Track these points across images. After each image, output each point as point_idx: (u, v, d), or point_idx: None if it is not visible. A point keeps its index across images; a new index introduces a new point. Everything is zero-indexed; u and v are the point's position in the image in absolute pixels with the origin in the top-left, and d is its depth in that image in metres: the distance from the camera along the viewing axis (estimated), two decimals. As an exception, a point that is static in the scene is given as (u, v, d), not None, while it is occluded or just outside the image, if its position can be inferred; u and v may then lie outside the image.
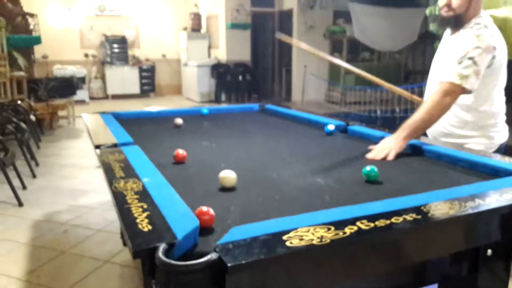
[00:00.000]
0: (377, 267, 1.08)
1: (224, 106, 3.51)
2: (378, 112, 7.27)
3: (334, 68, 10.03)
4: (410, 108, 6.56)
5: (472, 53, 1.80)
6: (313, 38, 9.82)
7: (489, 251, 1.31)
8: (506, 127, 2.10)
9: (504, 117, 2.10)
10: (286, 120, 2.71)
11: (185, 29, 10.89)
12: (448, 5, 1.89)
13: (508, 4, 3.76)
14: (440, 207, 1.11)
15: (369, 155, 1.77)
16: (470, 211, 1.11)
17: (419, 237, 1.08)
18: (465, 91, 1.82)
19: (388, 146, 1.79)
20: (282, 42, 2.41)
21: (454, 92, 1.82)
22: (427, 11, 4.89)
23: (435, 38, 5.61)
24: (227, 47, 10.17)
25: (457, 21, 1.91)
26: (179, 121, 2.46)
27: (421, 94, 6.34)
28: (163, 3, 11.09)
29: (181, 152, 1.68)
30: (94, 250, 2.83)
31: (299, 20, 9.72)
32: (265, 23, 10.75)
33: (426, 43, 8.78)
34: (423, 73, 9.68)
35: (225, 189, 1.36)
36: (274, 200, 1.27)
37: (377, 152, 1.78)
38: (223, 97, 9.96)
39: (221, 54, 10.38)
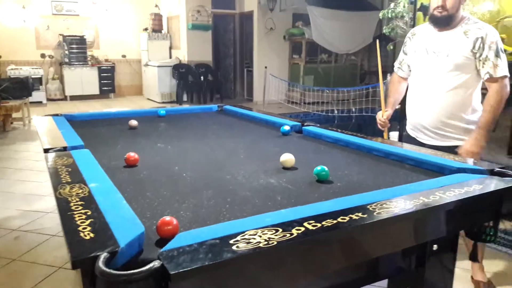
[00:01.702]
0: (328, 266, 1.09)
1: (182, 107, 3.46)
2: (336, 112, 7.41)
3: (294, 69, 10.15)
4: (365, 108, 6.73)
5: (497, 45, 2.04)
6: (273, 40, 9.91)
7: (435, 246, 1.37)
8: None
9: None
10: (244, 121, 2.71)
11: (145, 29, 10.68)
12: (443, 6, 2.05)
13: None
14: (386, 205, 1.13)
15: None
16: (415, 209, 1.14)
17: (367, 235, 1.10)
18: (507, 77, 2.07)
19: (472, 152, 2.06)
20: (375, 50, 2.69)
21: (505, 84, 2.07)
22: (380, 15, 5.04)
23: (388, 40, 5.80)
24: (188, 47, 10.07)
25: (450, 20, 2.09)
26: (133, 122, 2.40)
27: (375, 94, 6.51)
28: (123, 3, 10.83)
29: (132, 155, 1.64)
30: (47, 256, 2.71)
31: (260, 22, 9.77)
32: (226, 25, 10.72)
33: (381, 45, 9.05)
34: (378, 73, 9.96)
35: (177, 193, 1.34)
36: (226, 202, 1.26)
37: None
38: (184, 97, 9.84)
39: (182, 54, 10.27)
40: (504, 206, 1.36)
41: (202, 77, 9.86)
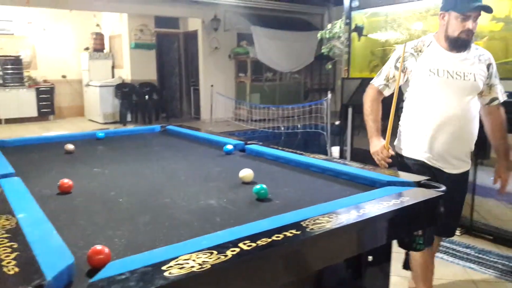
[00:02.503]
0: (268, 284, 1.10)
1: (121, 128, 3.38)
2: (282, 128, 7.56)
3: (240, 87, 10.27)
4: (309, 124, 6.92)
5: (496, 70, 2.12)
6: (219, 59, 10.01)
7: (370, 257, 1.43)
8: None
9: None
10: (186, 141, 2.70)
11: (87, 49, 10.38)
12: (471, 30, 1.98)
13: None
14: (319, 221, 1.17)
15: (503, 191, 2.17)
16: (347, 223, 1.19)
17: (301, 251, 1.14)
18: None
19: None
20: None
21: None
22: (319, 35, 5.25)
23: (329, 59, 6.05)
24: (132, 66, 9.91)
25: (470, 44, 2.06)
26: (70, 147, 2.31)
27: (318, 111, 6.74)
28: (62, 22, 10.47)
29: (66, 181, 1.58)
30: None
31: (204, 41, 9.84)
32: (171, 44, 10.69)
33: (322, 63, 9.40)
34: (320, 91, 10.33)
35: (112, 220, 1.30)
36: (163, 227, 1.24)
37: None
38: (128, 117, 9.62)
39: (125, 74, 10.07)
40: (429, 215, 1.45)
41: (146, 96, 9.72)
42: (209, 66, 9.93)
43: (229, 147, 2.29)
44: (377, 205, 1.32)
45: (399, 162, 2.19)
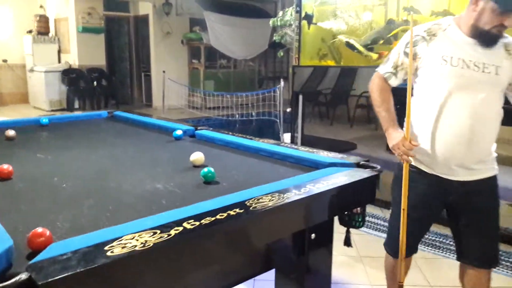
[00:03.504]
0: (214, 260, 1.14)
1: (67, 114, 3.27)
2: (237, 116, 7.60)
3: (194, 74, 10.15)
4: (262, 112, 6.99)
5: None
6: (171, 44, 9.81)
7: (313, 235, 1.49)
8: None
9: None
10: (135, 127, 2.66)
11: (30, 32, 9.82)
12: (503, 25, 1.66)
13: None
14: (261, 200, 1.22)
15: None
16: (288, 201, 1.25)
17: (245, 229, 1.18)
18: None
19: None
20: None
21: None
22: (270, 23, 5.30)
23: (282, 47, 6.12)
24: (79, 51, 9.50)
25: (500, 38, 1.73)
26: (10, 132, 2.22)
27: (272, 98, 6.82)
28: (1, 3, 9.82)
29: (6, 167, 1.53)
30: None
31: (156, 26, 9.61)
32: (120, 28, 10.35)
33: (276, 51, 9.49)
34: (275, 78, 10.43)
35: (55, 204, 1.29)
36: (107, 210, 1.24)
37: None
38: (76, 104, 9.26)
39: (72, 59, 9.65)
40: (367, 194, 1.55)
41: (95, 83, 9.38)
42: (161, 51, 9.73)
43: (179, 132, 2.29)
44: (317, 184, 1.39)
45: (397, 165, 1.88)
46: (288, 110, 4.80)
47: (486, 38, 1.67)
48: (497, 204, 1.85)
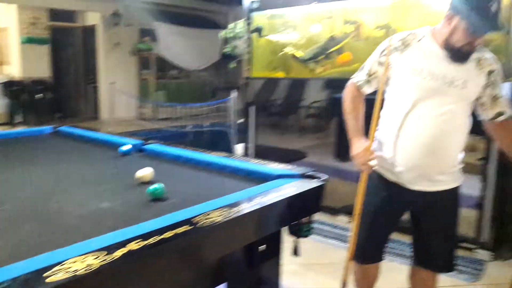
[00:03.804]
0: (161, 282, 1.13)
1: (5, 131, 3.11)
2: (189, 127, 7.54)
3: (144, 85, 9.98)
4: (214, 122, 6.99)
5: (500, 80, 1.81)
6: (120, 55, 9.61)
7: (263, 247, 1.52)
8: None
9: None
10: (80, 143, 2.58)
11: (-36, 42, 9.26)
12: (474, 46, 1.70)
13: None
14: (210, 215, 1.23)
15: None
16: (237, 215, 1.27)
17: (194, 246, 1.19)
18: None
19: None
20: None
21: None
22: (222, 34, 5.34)
23: (235, 58, 6.15)
24: (22, 63, 9.07)
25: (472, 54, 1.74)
26: None
27: (225, 109, 6.84)
28: None
29: None
30: None
31: (104, 36, 9.38)
32: (67, 39, 9.99)
33: (228, 62, 9.55)
34: (228, 89, 10.46)
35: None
36: (50, 233, 1.21)
37: None
38: (18, 118, 8.80)
39: (14, 70, 9.19)
40: (313, 203, 1.60)
41: (39, 95, 8.98)
42: (109, 62, 9.49)
43: (125, 147, 2.24)
44: (266, 196, 1.42)
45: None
46: (241, 120, 4.84)
47: (458, 54, 1.69)
48: (457, 214, 1.91)
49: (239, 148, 4.82)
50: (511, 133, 1.80)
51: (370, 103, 1.89)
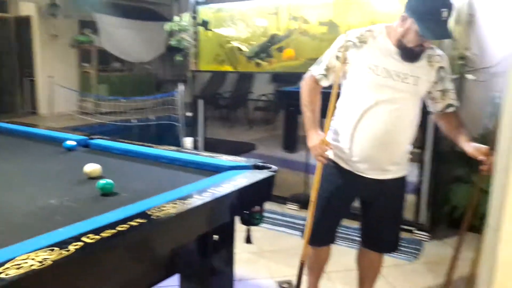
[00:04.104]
0: (116, 275, 1.13)
1: None
2: (134, 121, 7.35)
3: (85, 78, 9.58)
4: (161, 116, 6.88)
5: (450, 74, 1.93)
6: (59, 47, 9.14)
7: (216, 237, 1.55)
8: None
9: None
10: (20, 139, 2.46)
11: None
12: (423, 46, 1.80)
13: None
14: (164, 208, 1.25)
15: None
16: (191, 206, 1.29)
17: (149, 238, 1.20)
18: None
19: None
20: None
21: None
22: (167, 27, 5.24)
23: (179, 51, 6.06)
24: None
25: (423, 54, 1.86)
26: None
27: (171, 102, 6.76)
28: None
29: None
30: None
31: (41, 28, 8.85)
32: (-2, 30, 9.33)
33: (174, 55, 9.39)
34: (173, 82, 10.31)
35: None
36: (-4, 232, 1.16)
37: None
38: None
39: None
40: (265, 193, 1.66)
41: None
42: (47, 55, 8.99)
43: (70, 143, 2.17)
44: (218, 187, 1.46)
45: None
46: (189, 114, 4.81)
47: (409, 54, 1.79)
48: (403, 200, 2.08)
49: (188, 141, 4.79)
50: (456, 121, 1.93)
51: (326, 96, 1.96)
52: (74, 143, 2.18)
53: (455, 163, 3.20)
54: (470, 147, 1.83)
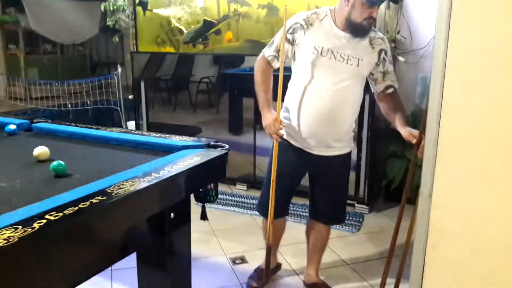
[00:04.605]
0: (80, 252, 1.14)
1: None
2: (69, 106, 7.01)
3: (11, 61, 8.92)
4: (99, 100, 6.64)
5: (392, 58, 2.07)
6: (-21, 27, 8.42)
7: (172, 215, 1.59)
8: None
9: None
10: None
11: None
12: (372, 17, 1.90)
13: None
14: (123, 185, 1.27)
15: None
16: (148, 184, 1.32)
17: (110, 215, 1.21)
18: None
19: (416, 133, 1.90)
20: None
21: None
22: (102, 7, 5.04)
23: (115, 32, 5.87)
24: None
25: (370, 29, 1.97)
26: None
27: (109, 85, 6.54)
28: None
29: None
30: None
31: (-43, 5, 8.09)
32: None
33: (108, 36, 9.00)
34: (109, 64, 9.93)
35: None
36: None
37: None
38: None
39: None
40: (219, 170, 1.72)
41: None
42: (-34, 36, 8.26)
43: (12, 127, 2.08)
44: (174, 166, 1.49)
45: None
46: (130, 97, 4.69)
47: (358, 29, 1.92)
48: (347, 175, 2.26)
49: (130, 125, 4.70)
50: (394, 103, 2.08)
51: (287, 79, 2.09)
52: (15, 127, 2.08)
53: (390, 140, 3.45)
54: (405, 132, 1.97)
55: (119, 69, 5.82)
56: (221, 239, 2.91)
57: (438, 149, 1.53)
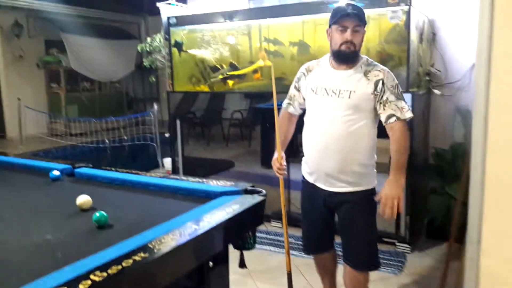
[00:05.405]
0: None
1: None
2: (107, 142, 7.23)
3: (53, 99, 9.39)
4: (136, 136, 6.81)
5: (397, 89, 2.03)
6: (25, 68, 8.96)
7: (211, 263, 1.58)
8: None
9: None
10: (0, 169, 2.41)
11: None
12: (351, 41, 1.96)
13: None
14: (164, 240, 1.27)
15: (385, 216, 1.97)
16: (190, 237, 1.32)
17: (153, 271, 1.21)
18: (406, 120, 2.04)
19: (393, 196, 1.96)
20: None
21: (406, 125, 2.03)
22: (139, 48, 5.25)
23: (151, 71, 6.06)
24: None
25: (355, 57, 2.04)
26: None
27: (145, 122, 6.72)
28: None
29: None
30: None
31: (5, 49, 8.65)
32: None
33: (144, 73, 9.32)
34: (145, 100, 10.26)
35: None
36: (-5, 273, 1.15)
37: (388, 208, 1.96)
38: None
39: None
40: (257, 217, 1.70)
41: None
42: (13, 76, 8.77)
43: (56, 173, 2.15)
44: (213, 215, 1.49)
45: None
46: (167, 135, 4.79)
47: (341, 57, 2.02)
48: (371, 214, 2.11)
49: (166, 162, 4.77)
50: (393, 135, 2.02)
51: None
52: (58, 172, 2.15)
53: (429, 176, 3.34)
54: (388, 181, 2.02)
55: (155, 107, 5.99)
56: (256, 280, 2.85)
57: (484, 190, 1.46)
